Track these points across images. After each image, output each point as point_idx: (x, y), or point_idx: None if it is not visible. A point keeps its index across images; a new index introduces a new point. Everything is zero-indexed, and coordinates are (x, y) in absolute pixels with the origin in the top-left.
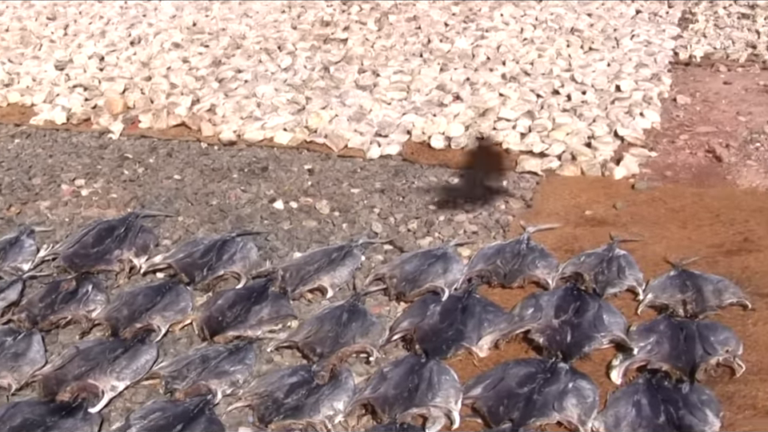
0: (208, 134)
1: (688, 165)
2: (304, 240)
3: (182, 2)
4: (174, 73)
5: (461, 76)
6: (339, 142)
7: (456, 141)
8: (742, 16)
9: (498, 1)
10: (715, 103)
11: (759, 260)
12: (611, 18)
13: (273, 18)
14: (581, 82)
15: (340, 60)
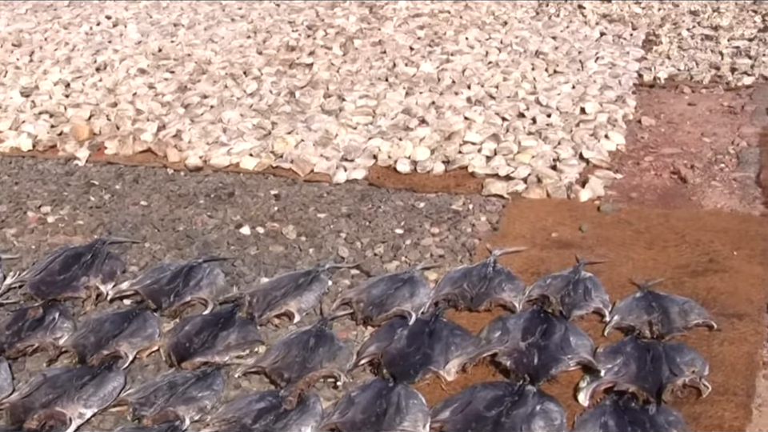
0: (174, 159)
1: (653, 186)
2: (271, 265)
3: (147, 27)
4: (139, 99)
5: (426, 100)
6: (305, 167)
7: (422, 165)
8: (706, 37)
9: (463, 24)
10: (680, 125)
11: (724, 280)
12: (576, 41)
13: (238, 43)
14: (546, 104)
15: (305, 85)
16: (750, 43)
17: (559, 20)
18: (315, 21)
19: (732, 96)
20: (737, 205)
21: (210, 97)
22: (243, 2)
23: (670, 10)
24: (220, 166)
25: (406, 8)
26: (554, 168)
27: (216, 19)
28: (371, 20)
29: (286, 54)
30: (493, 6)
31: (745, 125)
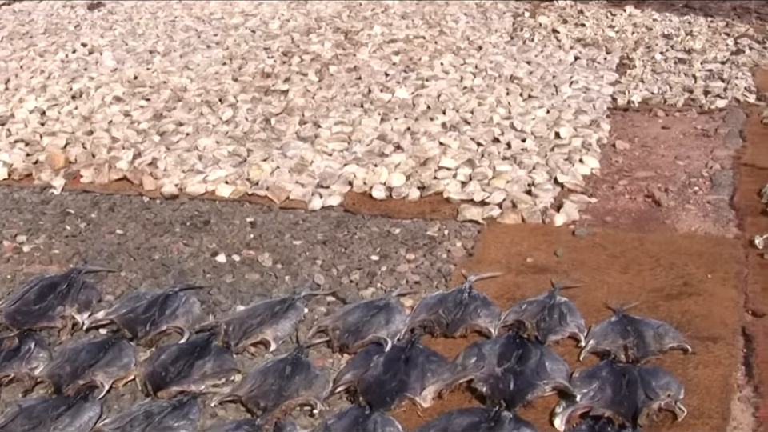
0: (150, 187)
1: (628, 210)
2: (247, 293)
3: (123, 54)
4: (115, 127)
5: (401, 126)
6: (281, 194)
7: (397, 191)
8: (679, 61)
9: (438, 50)
10: (654, 148)
11: (699, 303)
12: (550, 66)
13: (214, 70)
14: (520, 129)
15: (281, 111)
16: (722, 66)
17: (533, 44)
18: (291, 47)
19: (705, 119)
20: (711, 228)
21: (186, 124)
22: (219, 29)
23: (644, 33)
24: (196, 194)
25: (381, 34)
26: (529, 193)
27: (192, 46)
28: (346, 46)
29: (262, 80)
30: (467, 31)
31: (718, 148)
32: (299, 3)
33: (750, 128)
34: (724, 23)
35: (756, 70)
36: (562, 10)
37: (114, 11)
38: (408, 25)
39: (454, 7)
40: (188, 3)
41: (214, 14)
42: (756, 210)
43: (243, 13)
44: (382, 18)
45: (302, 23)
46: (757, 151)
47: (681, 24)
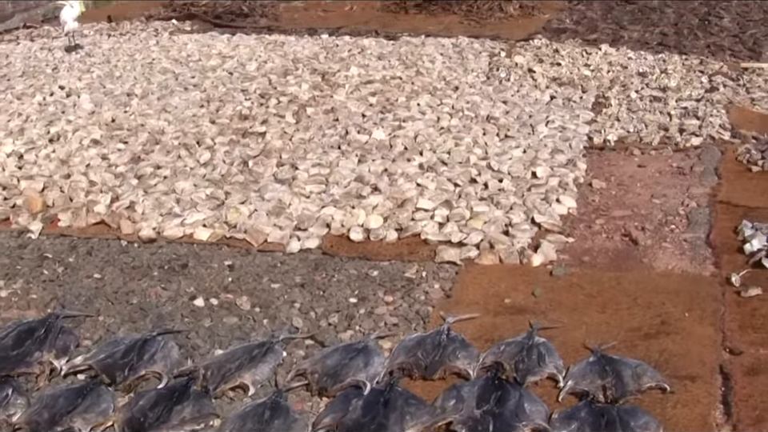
0: (128, 231)
1: (605, 249)
2: (225, 337)
3: (100, 97)
4: (93, 170)
5: (379, 167)
6: (259, 237)
7: (375, 233)
8: (654, 99)
9: (415, 90)
10: (630, 186)
11: (676, 342)
12: (526, 105)
13: (191, 112)
14: (497, 169)
15: (259, 154)
16: (697, 104)
17: (510, 84)
18: (268, 89)
19: (681, 157)
20: (687, 266)
21: (164, 167)
22: (196, 71)
23: (619, 72)
24: (174, 238)
25: (357, 75)
26: (507, 233)
27: (169, 89)
28: (323, 87)
29: (239, 122)
30: (444, 71)
31: (694, 185)
32: (276, 45)
33: (725, 165)
34: (698, 61)
35: (730, 108)
36: (538, 50)
37: (92, 53)
38: (385, 65)
39: (430, 47)
40: (166, 45)
41: (191, 56)
42: (732, 248)
43: (221, 55)
44: (358, 59)
45: (279, 65)
46: (732, 188)
47: (656, 62)
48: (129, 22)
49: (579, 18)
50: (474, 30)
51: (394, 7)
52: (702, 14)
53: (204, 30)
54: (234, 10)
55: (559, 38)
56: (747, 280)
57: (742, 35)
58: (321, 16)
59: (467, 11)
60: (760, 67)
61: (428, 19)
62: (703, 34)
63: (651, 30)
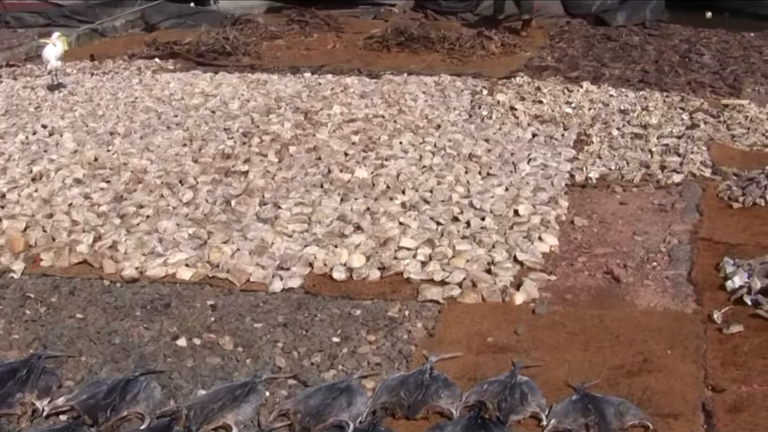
0: (110, 271)
1: (587, 287)
2: (208, 377)
3: (83, 136)
4: (75, 209)
5: (361, 206)
6: (241, 277)
7: (358, 272)
8: (635, 136)
9: (397, 129)
10: (612, 224)
11: (659, 380)
12: (508, 143)
13: (174, 151)
14: (480, 207)
15: (241, 193)
16: (678, 141)
17: (492, 122)
18: (251, 128)
19: (662, 194)
20: (669, 303)
21: (146, 206)
22: (179, 110)
23: (600, 109)
24: (156, 277)
25: (340, 113)
26: (489, 272)
27: (152, 127)
28: (306, 126)
29: (222, 161)
30: (426, 109)
31: (675, 222)
32: (259, 83)
33: (706, 202)
34: (679, 97)
35: (711, 144)
36: (520, 87)
37: (75, 92)
38: (367, 104)
39: (412, 85)
40: (148, 84)
41: (174, 94)
42: (714, 285)
43: (203, 93)
44: (341, 98)
45: (262, 103)
46: (713, 225)
47: (637, 99)
48: (112, 60)
49: (561, 55)
50: (457, 67)
51: (377, 45)
52: (682, 51)
53: (187, 68)
54: (217, 48)
55: (541, 75)
56: (729, 317)
57: (722, 72)
58: (303, 54)
59: (449, 49)
60: (740, 104)
61: (410, 57)
62: (684, 70)
63: (632, 67)
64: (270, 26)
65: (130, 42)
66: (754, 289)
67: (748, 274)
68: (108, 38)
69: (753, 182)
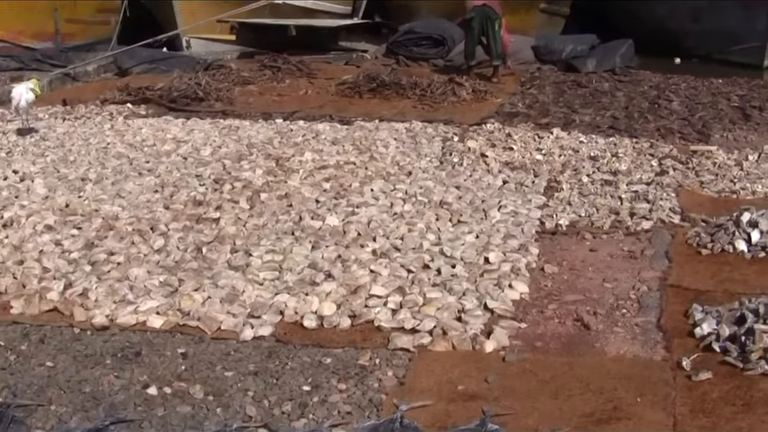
0: (81, 318)
1: (557, 334)
2: (178, 426)
3: (54, 182)
4: (46, 256)
5: (332, 253)
6: (212, 325)
7: (328, 320)
8: (605, 183)
9: (369, 175)
10: (582, 271)
11: (629, 427)
12: (479, 190)
13: (145, 198)
14: (450, 255)
15: (212, 240)
16: (647, 187)
17: (462, 169)
18: (222, 174)
19: (632, 240)
20: (639, 350)
21: (117, 254)
22: (151, 156)
23: (571, 155)
24: (127, 325)
25: (312, 160)
26: (459, 319)
27: (123, 173)
28: (278, 173)
29: (193, 208)
30: (397, 156)
31: (645, 269)
32: (231, 129)
33: (675, 248)
34: (648, 144)
35: (680, 191)
36: (491, 134)
37: (47, 137)
38: (339, 150)
39: (384, 132)
40: (120, 130)
41: (146, 140)
42: (683, 332)
43: (175, 139)
44: (312, 144)
45: (234, 150)
46: (682, 272)
47: (607, 145)
48: (84, 105)
49: (531, 101)
50: (428, 114)
51: (349, 91)
52: (651, 97)
53: (159, 113)
54: (189, 93)
55: (512, 121)
56: (698, 364)
57: (691, 118)
58: (276, 100)
59: (421, 95)
60: (709, 150)
61: (382, 103)
62: (653, 117)
63: (602, 113)
64: (242, 72)
65: (103, 87)
66: (722, 336)
67: (716, 321)
68: (80, 82)
69: (721, 229)
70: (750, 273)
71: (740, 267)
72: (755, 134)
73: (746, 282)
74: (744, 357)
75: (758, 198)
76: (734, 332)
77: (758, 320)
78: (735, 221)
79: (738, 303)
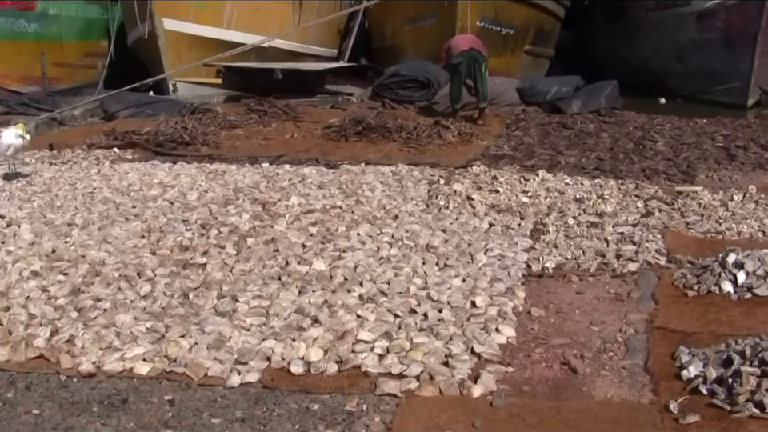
0: (67, 365)
1: (544, 378)
2: None
3: (41, 227)
4: (32, 302)
5: (319, 298)
6: (199, 371)
7: (315, 365)
8: (591, 225)
9: (355, 219)
10: (569, 314)
11: None
12: (465, 233)
13: (132, 243)
14: (437, 299)
15: (199, 285)
16: (633, 229)
17: (449, 212)
18: (209, 219)
19: (618, 283)
20: (626, 393)
21: (104, 300)
22: (137, 201)
23: (557, 198)
24: (113, 372)
25: (298, 204)
26: (446, 364)
27: (110, 219)
28: (264, 217)
29: (180, 254)
30: (384, 200)
31: (631, 311)
32: (217, 174)
33: (661, 290)
34: (634, 185)
35: (666, 232)
36: (477, 177)
37: (33, 182)
38: (325, 194)
39: (370, 175)
40: (107, 174)
41: (132, 185)
42: (670, 374)
43: (162, 184)
44: (299, 188)
45: (220, 194)
46: (669, 314)
47: (592, 187)
48: (70, 149)
49: (517, 143)
50: (414, 157)
51: (335, 135)
52: (637, 137)
53: (145, 158)
54: (176, 138)
55: (497, 164)
56: (685, 407)
57: (675, 158)
58: (262, 144)
59: (407, 138)
60: (694, 190)
61: (368, 147)
62: (638, 158)
63: (588, 154)
64: (228, 116)
65: (89, 131)
66: (709, 378)
67: (703, 363)
68: (67, 126)
69: (707, 270)
70: (736, 314)
71: (726, 309)
72: (740, 173)
73: (733, 324)
74: (731, 399)
75: (743, 238)
76: (720, 374)
77: (744, 362)
78: (721, 262)
79: (724, 345)
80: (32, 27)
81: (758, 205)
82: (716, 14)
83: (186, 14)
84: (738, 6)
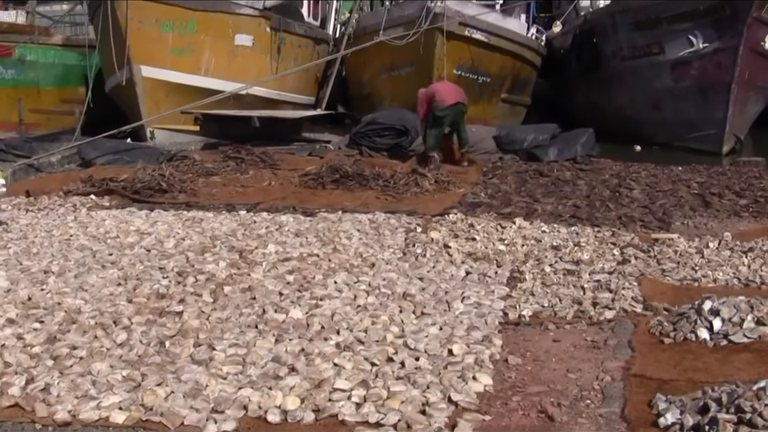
0: (42, 414)
1: (521, 426)
2: None
3: (17, 275)
4: (7, 350)
5: (296, 347)
6: (175, 420)
7: (292, 414)
8: (568, 272)
9: (332, 268)
10: (546, 362)
11: None
12: (442, 281)
13: (108, 291)
14: (414, 347)
15: (176, 334)
16: (610, 276)
17: (426, 260)
18: (185, 267)
19: (595, 330)
20: None
21: (80, 348)
22: (114, 248)
23: (533, 245)
24: (89, 421)
25: (275, 252)
26: (424, 413)
27: (86, 266)
28: (241, 265)
29: (156, 301)
30: (361, 248)
31: (608, 359)
32: (194, 221)
33: (638, 338)
34: (610, 232)
35: (642, 279)
36: (453, 225)
37: (9, 229)
38: (302, 242)
39: (347, 223)
40: (84, 221)
41: (109, 232)
42: (647, 422)
43: (139, 231)
44: (276, 236)
45: (197, 242)
46: (645, 361)
47: (569, 235)
48: (47, 196)
49: (494, 191)
50: (391, 204)
51: (312, 182)
52: (613, 185)
53: (123, 205)
54: (153, 185)
55: (474, 212)
56: None
57: (651, 206)
58: (239, 191)
59: (384, 186)
60: (670, 238)
61: (345, 194)
62: (615, 205)
63: (564, 202)
64: (206, 163)
65: (66, 178)
66: (686, 425)
67: (680, 411)
68: (44, 173)
69: (683, 317)
70: (712, 361)
71: (702, 356)
72: (715, 220)
73: (709, 371)
74: None
75: (719, 285)
76: (697, 421)
77: (721, 409)
78: (697, 309)
79: (701, 392)
80: (9, 74)
81: (733, 252)
82: (690, 63)
83: (163, 62)
84: (711, 54)
